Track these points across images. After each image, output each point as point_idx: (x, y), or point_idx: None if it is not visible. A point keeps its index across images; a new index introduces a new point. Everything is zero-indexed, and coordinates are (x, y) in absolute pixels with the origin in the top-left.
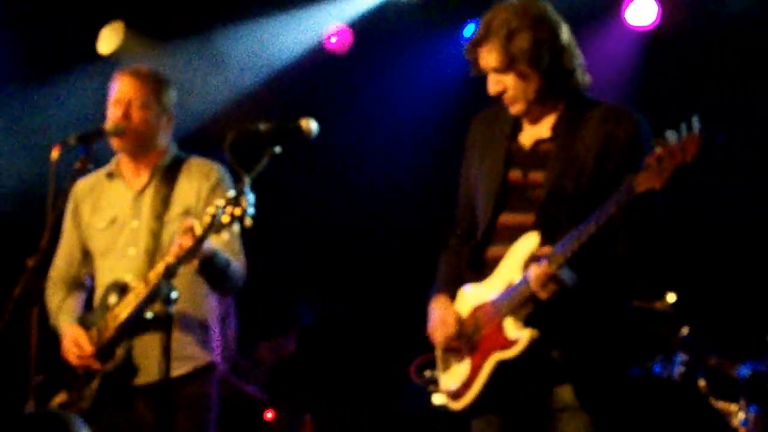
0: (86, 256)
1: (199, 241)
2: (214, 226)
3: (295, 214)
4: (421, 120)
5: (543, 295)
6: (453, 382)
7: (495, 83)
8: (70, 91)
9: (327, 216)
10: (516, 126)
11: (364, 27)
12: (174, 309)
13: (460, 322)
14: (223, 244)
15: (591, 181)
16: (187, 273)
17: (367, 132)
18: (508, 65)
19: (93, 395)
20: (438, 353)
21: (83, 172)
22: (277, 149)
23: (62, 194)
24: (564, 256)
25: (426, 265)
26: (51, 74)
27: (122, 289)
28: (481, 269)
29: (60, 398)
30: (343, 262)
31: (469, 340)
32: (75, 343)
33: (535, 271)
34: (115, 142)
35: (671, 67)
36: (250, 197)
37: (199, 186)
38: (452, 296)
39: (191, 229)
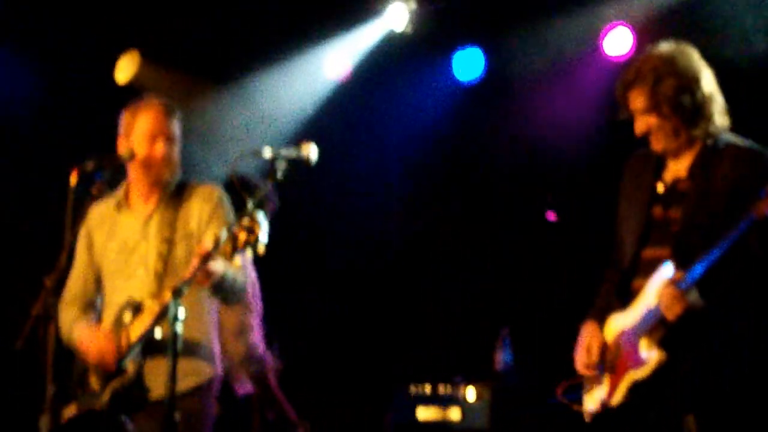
0: (98, 279)
1: (213, 267)
2: (230, 252)
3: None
4: (413, 143)
5: (670, 315)
6: (594, 403)
7: (641, 123)
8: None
9: (321, 234)
10: (659, 166)
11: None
12: (180, 327)
13: (605, 347)
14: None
15: (724, 216)
16: (190, 292)
17: (363, 155)
18: (653, 107)
19: (103, 409)
20: (584, 375)
21: (99, 197)
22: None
23: (79, 217)
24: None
25: (416, 280)
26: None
27: (136, 308)
28: (626, 299)
29: (70, 410)
30: (335, 277)
31: (611, 363)
32: (92, 339)
33: (664, 293)
34: (134, 171)
35: None
36: (264, 225)
37: (201, 208)
38: (602, 322)
39: (207, 255)
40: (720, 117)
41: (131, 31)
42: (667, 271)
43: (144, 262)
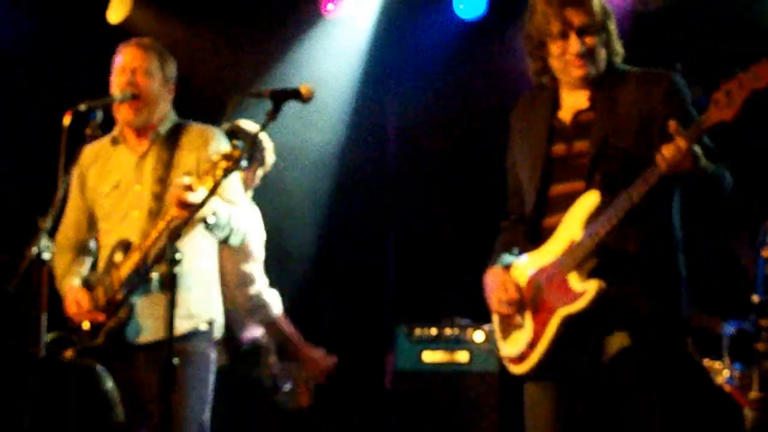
0: (92, 221)
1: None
2: (213, 180)
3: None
4: (414, 81)
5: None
6: (515, 347)
7: (576, 43)
8: None
9: (321, 172)
10: (553, 103)
11: None
12: (178, 270)
13: (519, 289)
14: (222, 197)
15: (636, 140)
16: (188, 234)
17: (363, 95)
18: (595, 28)
19: (97, 351)
20: (496, 320)
21: (93, 137)
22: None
23: (72, 158)
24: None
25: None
26: None
27: (126, 247)
28: (537, 240)
29: (68, 354)
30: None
31: (531, 303)
32: (75, 301)
33: (668, 147)
34: (121, 110)
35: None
36: (241, 145)
37: (199, 151)
38: (506, 268)
39: (188, 186)
40: (621, 49)
41: None
42: (590, 199)
43: (138, 204)
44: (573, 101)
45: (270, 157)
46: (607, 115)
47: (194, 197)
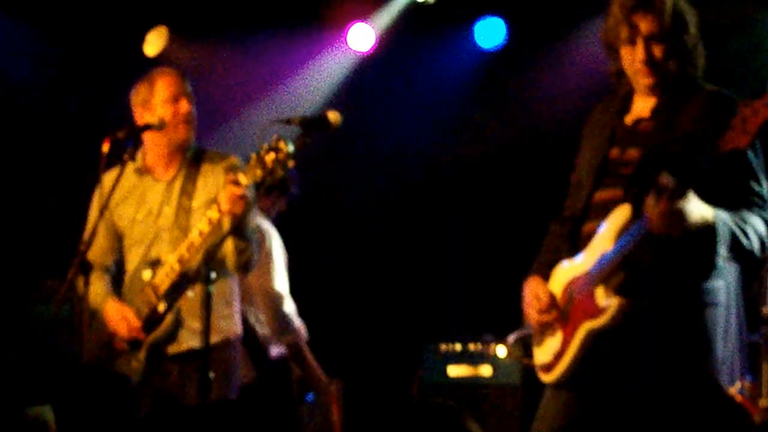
0: (117, 245)
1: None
2: (261, 174)
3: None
4: (434, 114)
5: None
6: (545, 355)
7: (642, 50)
8: None
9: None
10: (624, 107)
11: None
12: (211, 288)
13: (553, 297)
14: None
15: (683, 159)
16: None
17: (387, 125)
18: (664, 35)
19: (142, 365)
20: (533, 328)
21: (125, 164)
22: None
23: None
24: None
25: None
26: None
27: (153, 263)
28: (577, 245)
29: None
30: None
31: (563, 313)
32: (122, 317)
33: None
34: (157, 138)
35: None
36: (290, 145)
37: (222, 176)
38: (546, 276)
39: (236, 181)
40: (702, 61)
41: (160, 5)
42: (622, 213)
43: (167, 225)
44: (640, 107)
45: (293, 188)
46: (664, 128)
47: (248, 192)
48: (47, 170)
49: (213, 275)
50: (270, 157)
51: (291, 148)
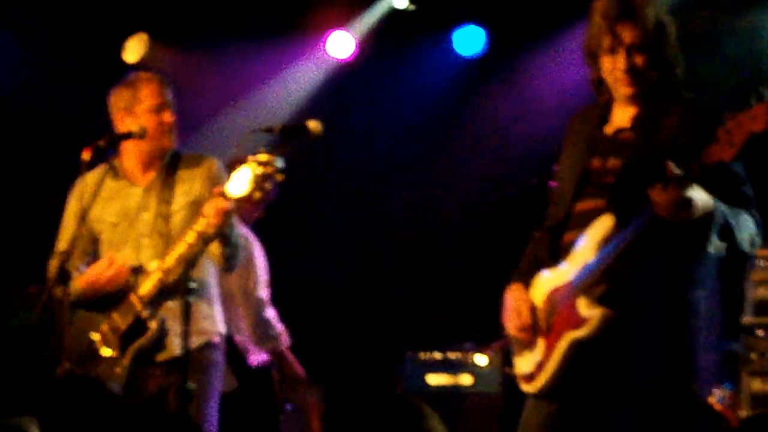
0: (91, 247)
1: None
2: (252, 189)
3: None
4: (414, 119)
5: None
6: (527, 365)
7: (623, 60)
8: None
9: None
10: (604, 116)
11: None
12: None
13: (534, 309)
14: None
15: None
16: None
17: (368, 132)
18: (645, 46)
19: (126, 371)
20: (513, 339)
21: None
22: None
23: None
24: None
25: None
26: None
27: (136, 270)
28: (557, 254)
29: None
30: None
31: (545, 323)
32: (108, 264)
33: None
34: (137, 145)
35: None
36: (279, 160)
37: (201, 180)
38: (527, 284)
39: (223, 193)
40: (682, 70)
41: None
42: (604, 223)
43: (149, 233)
44: (620, 117)
45: (272, 195)
46: (645, 138)
47: (232, 204)
48: (26, 175)
49: (193, 285)
50: (259, 171)
51: (280, 163)
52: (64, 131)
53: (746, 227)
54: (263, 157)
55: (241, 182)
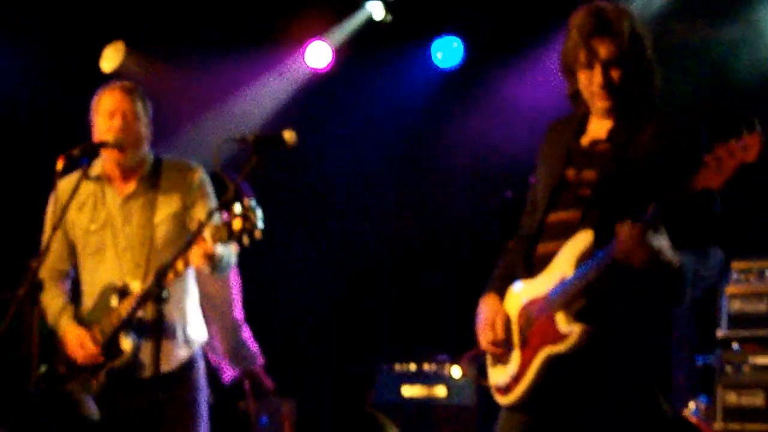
0: (71, 252)
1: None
2: (226, 239)
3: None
4: (392, 130)
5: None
6: (501, 377)
7: (600, 75)
8: None
9: (303, 220)
10: (580, 127)
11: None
12: (165, 309)
13: (509, 321)
14: None
15: (641, 183)
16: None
17: (343, 142)
18: (622, 60)
19: (100, 387)
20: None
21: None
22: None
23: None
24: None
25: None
26: None
27: (122, 291)
28: (531, 265)
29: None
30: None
31: (520, 335)
32: (80, 344)
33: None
34: (113, 153)
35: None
36: (259, 212)
37: (184, 191)
38: (502, 294)
39: (204, 241)
40: (658, 83)
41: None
42: (583, 239)
43: (130, 246)
44: (596, 129)
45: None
46: (621, 150)
47: (218, 250)
48: (5, 182)
49: (165, 294)
50: (238, 225)
51: (261, 223)
52: (46, 138)
53: (714, 264)
54: (245, 209)
55: (219, 231)
